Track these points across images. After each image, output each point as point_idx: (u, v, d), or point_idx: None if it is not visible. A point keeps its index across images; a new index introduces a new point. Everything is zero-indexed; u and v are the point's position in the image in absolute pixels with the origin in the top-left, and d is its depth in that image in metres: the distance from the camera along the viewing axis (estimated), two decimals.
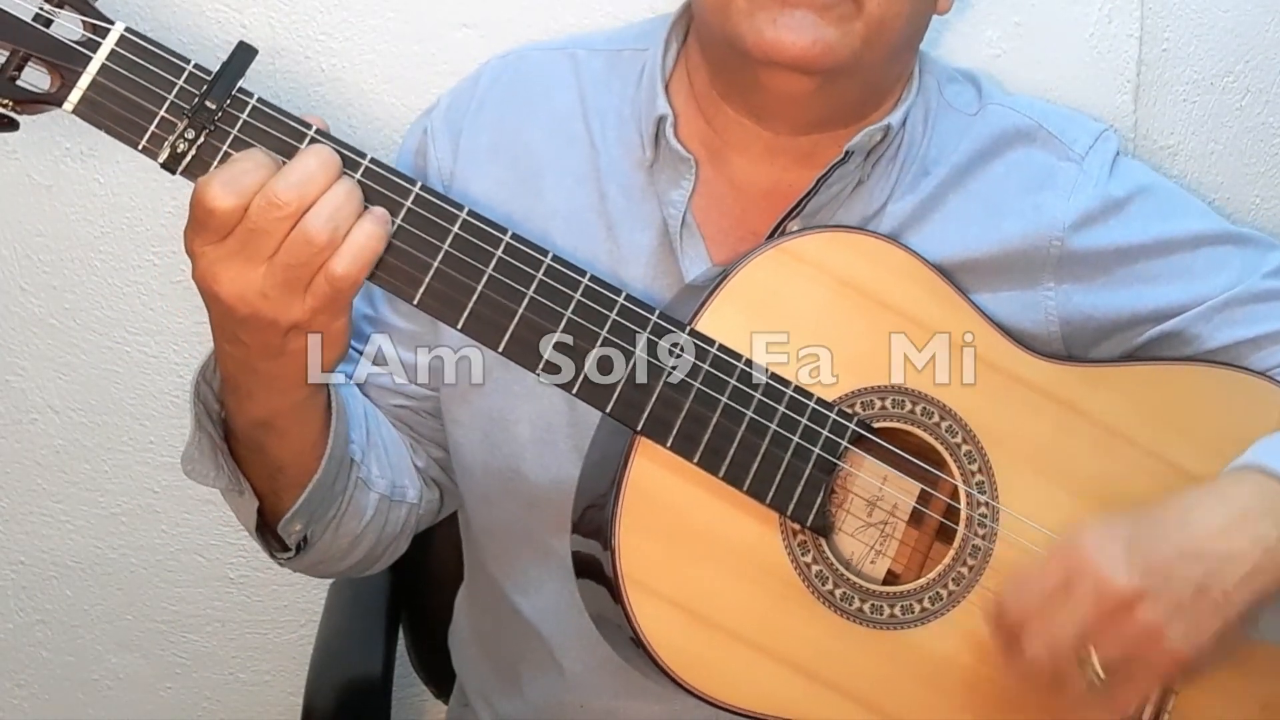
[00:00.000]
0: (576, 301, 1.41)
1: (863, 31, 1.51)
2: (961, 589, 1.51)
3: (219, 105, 1.34)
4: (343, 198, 1.33)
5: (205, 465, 1.54)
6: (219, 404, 1.52)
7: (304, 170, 1.33)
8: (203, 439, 1.53)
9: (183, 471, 1.55)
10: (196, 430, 1.53)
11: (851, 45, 1.51)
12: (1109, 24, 2.05)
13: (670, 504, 1.45)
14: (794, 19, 1.49)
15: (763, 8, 1.49)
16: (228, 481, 1.55)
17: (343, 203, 1.33)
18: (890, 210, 1.62)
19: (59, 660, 2.23)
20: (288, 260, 1.32)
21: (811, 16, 1.49)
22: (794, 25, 1.49)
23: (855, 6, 1.50)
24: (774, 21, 1.49)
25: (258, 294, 1.33)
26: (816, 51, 1.49)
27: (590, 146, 1.66)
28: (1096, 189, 1.65)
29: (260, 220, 1.31)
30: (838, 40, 1.50)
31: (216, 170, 1.33)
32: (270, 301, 1.34)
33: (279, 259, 1.32)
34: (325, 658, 1.96)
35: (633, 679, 1.53)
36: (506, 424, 1.65)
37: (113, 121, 1.34)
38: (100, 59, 1.33)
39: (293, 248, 1.32)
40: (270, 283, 1.33)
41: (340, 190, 1.34)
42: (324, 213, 1.32)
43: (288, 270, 1.32)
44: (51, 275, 2.05)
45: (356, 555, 1.69)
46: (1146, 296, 1.65)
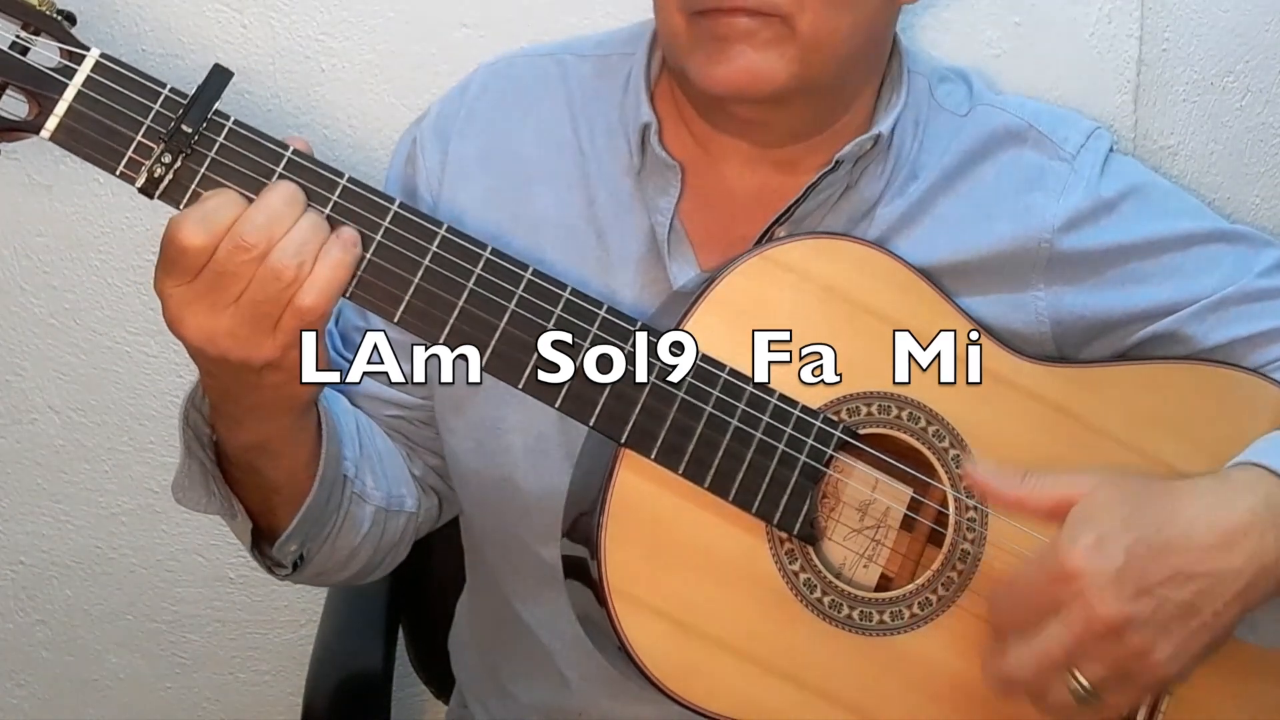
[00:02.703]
0: (557, 316, 1.40)
1: (797, 54, 1.48)
2: (951, 594, 1.51)
3: (195, 129, 1.34)
4: (308, 232, 1.33)
5: (196, 492, 1.54)
6: (210, 428, 1.52)
7: (269, 210, 1.33)
8: (193, 466, 1.53)
9: (174, 499, 1.55)
10: (186, 457, 1.53)
11: (789, 69, 1.49)
12: (1109, 24, 2.04)
13: (656, 515, 1.44)
14: (724, 52, 1.48)
15: (700, 44, 1.49)
16: (220, 506, 1.55)
17: (308, 237, 1.33)
18: (879, 214, 1.62)
19: (59, 660, 2.24)
20: (255, 298, 1.32)
21: (740, 46, 1.48)
22: (724, 59, 1.48)
23: (786, 29, 1.48)
24: (708, 57, 1.49)
25: (226, 334, 1.34)
26: (748, 80, 1.48)
27: (579, 153, 1.66)
28: (1087, 189, 1.64)
29: (228, 263, 1.31)
30: (770, 65, 1.48)
31: (189, 209, 1.33)
32: (239, 341, 1.34)
33: (246, 298, 1.32)
34: (325, 658, 1.96)
35: (630, 685, 1.52)
36: (499, 433, 1.65)
37: (90, 148, 1.33)
38: (76, 85, 1.33)
39: (260, 286, 1.32)
40: (238, 322, 1.33)
41: (305, 225, 1.34)
42: (290, 249, 1.32)
43: (255, 308, 1.32)
44: (51, 275, 2.05)
45: (354, 566, 1.69)
46: (1137, 297, 1.64)
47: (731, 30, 1.47)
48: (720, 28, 1.48)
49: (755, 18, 1.47)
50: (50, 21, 1.34)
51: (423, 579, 2.02)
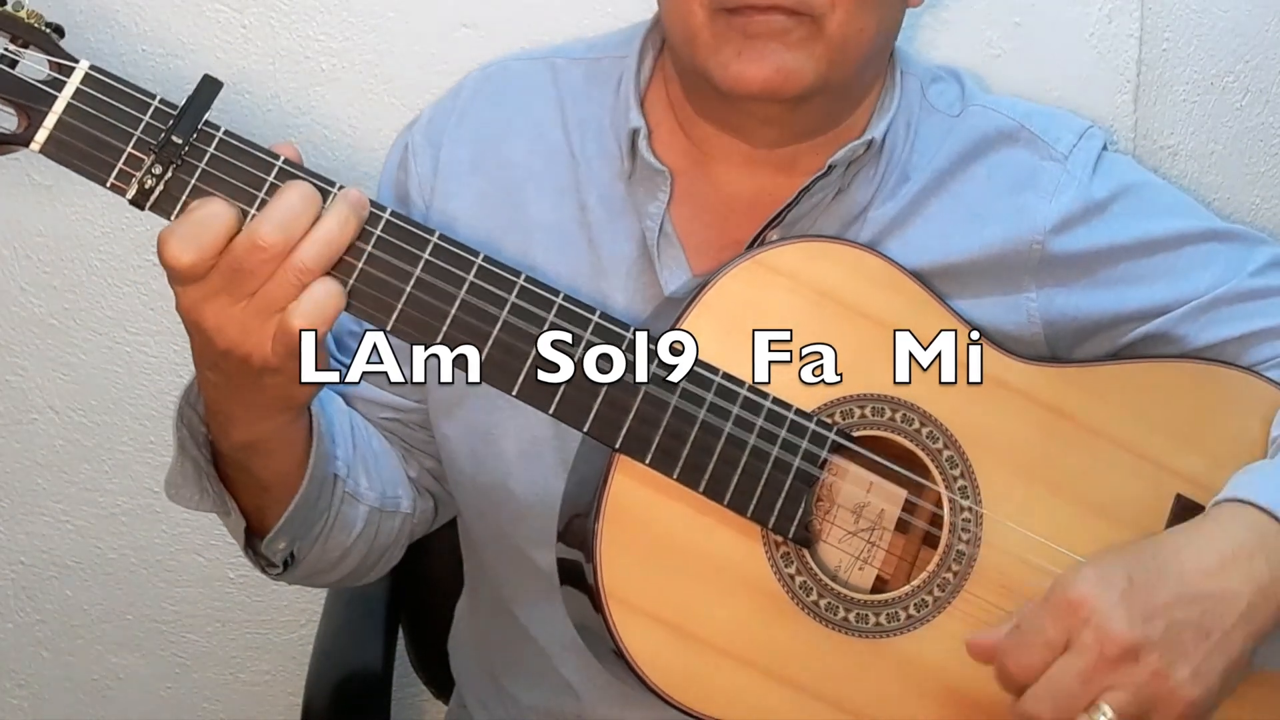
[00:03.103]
0: (550, 322, 1.40)
1: (825, 54, 1.50)
2: (947, 595, 1.51)
3: (185, 140, 1.34)
4: (335, 231, 1.35)
5: (189, 490, 1.54)
6: (204, 426, 1.52)
7: (288, 209, 1.33)
8: (186, 464, 1.53)
9: (166, 496, 1.55)
10: (180, 455, 1.53)
11: (816, 69, 1.50)
12: (1109, 24, 2.04)
13: (651, 520, 1.44)
14: (755, 50, 1.48)
15: (727, 41, 1.49)
16: (212, 504, 1.55)
17: (335, 236, 1.35)
18: (871, 217, 1.61)
19: (59, 660, 2.24)
20: (272, 295, 1.34)
21: (773, 44, 1.48)
22: (756, 56, 1.48)
23: (816, 29, 1.49)
24: (738, 55, 1.49)
25: (238, 328, 1.34)
26: (780, 79, 1.49)
27: (570, 158, 1.65)
28: (1079, 189, 1.63)
29: (247, 261, 1.32)
30: (800, 65, 1.49)
31: (175, 223, 1.33)
32: (251, 336, 1.34)
33: (262, 294, 1.33)
34: (325, 658, 1.97)
35: (629, 689, 1.53)
36: (493, 439, 1.65)
37: (80, 160, 1.34)
38: (65, 98, 1.33)
39: (281, 285, 1.33)
40: (249, 315, 1.34)
41: (332, 223, 1.35)
42: (314, 250, 1.34)
43: (270, 304, 1.34)
44: (51, 275, 2.05)
45: (347, 567, 1.69)
46: (1130, 297, 1.63)
47: (765, 28, 1.48)
48: (753, 26, 1.48)
49: (790, 16, 1.48)
50: (39, 34, 1.34)
51: (423, 579, 2.02)
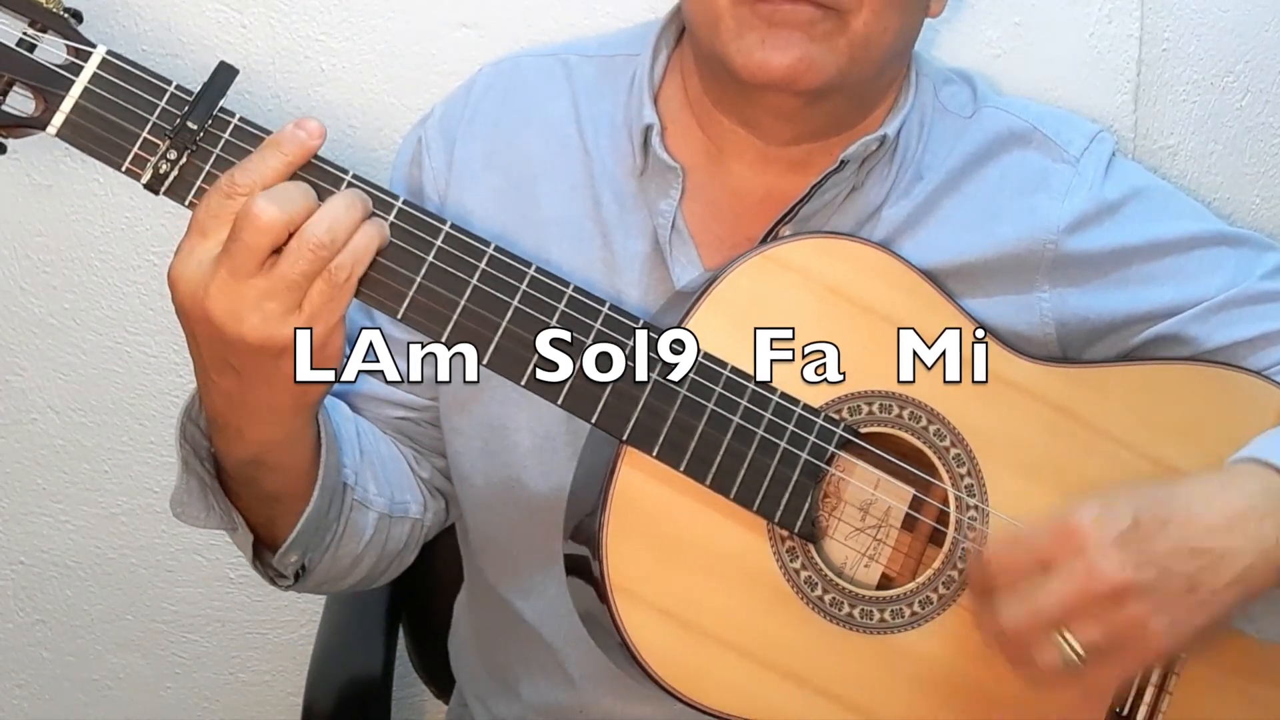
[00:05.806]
0: (560, 312, 1.41)
1: (847, 49, 1.50)
2: (951, 593, 1.51)
3: (201, 125, 1.35)
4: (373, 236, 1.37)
5: (196, 507, 1.53)
6: (207, 439, 1.51)
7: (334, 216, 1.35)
8: (191, 481, 1.52)
9: (173, 515, 1.54)
10: (184, 473, 1.52)
11: (837, 62, 1.51)
12: (1109, 24, 2.04)
13: (657, 512, 1.45)
14: (780, 38, 1.49)
15: (751, 28, 1.49)
16: (220, 520, 1.54)
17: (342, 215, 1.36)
18: (885, 215, 1.62)
19: (59, 660, 2.23)
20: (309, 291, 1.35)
21: (797, 35, 1.49)
22: (780, 45, 1.49)
23: (841, 24, 1.50)
24: (762, 42, 1.49)
25: (254, 310, 1.33)
26: (801, 69, 1.49)
27: (584, 154, 1.66)
28: (1091, 191, 1.65)
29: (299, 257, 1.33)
30: (822, 57, 1.50)
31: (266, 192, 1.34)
32: (267, 319, 1.33)
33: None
34: (325, 658, 1.96)
35: (632, 683, 1.53)
36: (506, 432, 1.65)
37: (95, 144, 1.35)
38: (82, 82, 1.34)
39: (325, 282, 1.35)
40: (271, 297, 1.33)
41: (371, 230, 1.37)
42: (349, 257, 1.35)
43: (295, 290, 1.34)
44: (51, 275, 2.05)
45: (358, 574, 1.68)
46: (1140, 298, 1.64)
47: (791, 18, 1.49)
48: (780, 14, 1.48)
49: (818, 9, 1.48)
50: (57, 19, 1.35)
51: (423, 579, 2.01)
